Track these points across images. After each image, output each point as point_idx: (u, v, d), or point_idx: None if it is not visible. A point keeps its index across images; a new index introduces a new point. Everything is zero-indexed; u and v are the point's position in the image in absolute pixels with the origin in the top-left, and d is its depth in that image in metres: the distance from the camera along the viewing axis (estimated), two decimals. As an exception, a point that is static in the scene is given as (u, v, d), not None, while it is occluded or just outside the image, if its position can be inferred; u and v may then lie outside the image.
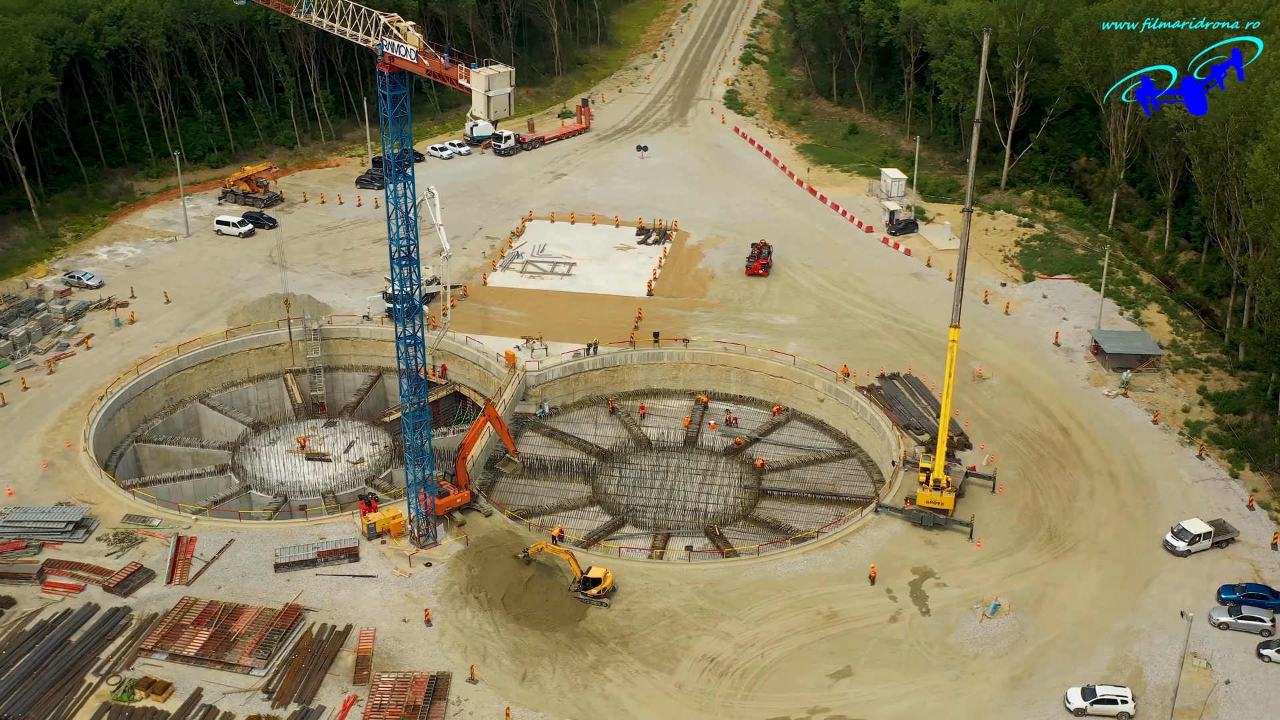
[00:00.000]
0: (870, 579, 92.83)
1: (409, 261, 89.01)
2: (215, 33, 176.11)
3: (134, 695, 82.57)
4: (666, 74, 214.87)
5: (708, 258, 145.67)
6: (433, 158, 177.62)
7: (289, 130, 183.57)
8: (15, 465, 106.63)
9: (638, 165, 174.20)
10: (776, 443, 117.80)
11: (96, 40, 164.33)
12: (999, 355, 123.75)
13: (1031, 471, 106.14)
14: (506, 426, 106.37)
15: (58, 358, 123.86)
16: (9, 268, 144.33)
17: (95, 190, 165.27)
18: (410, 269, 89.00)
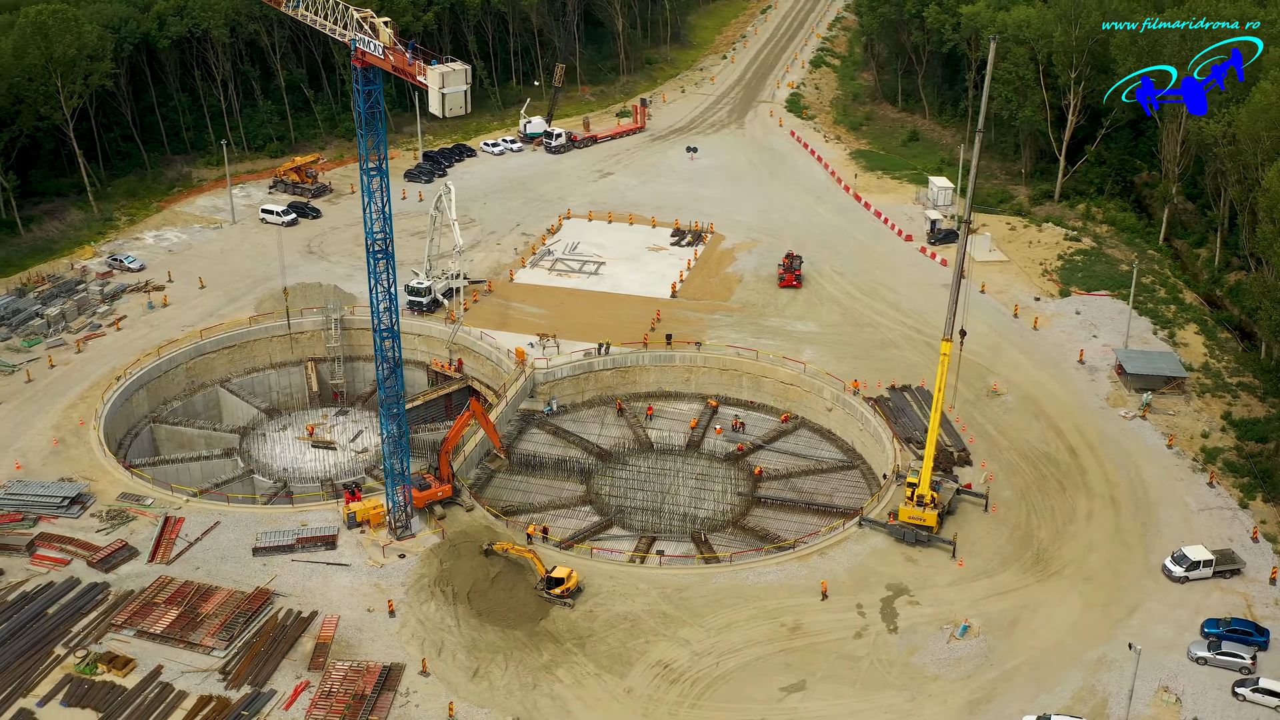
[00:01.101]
0: (822, 594, 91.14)
1: (385, 256, 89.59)
2: (279, 25, 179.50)
3: (96, 669, 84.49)
4: (732, 76, 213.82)
5: (739, 261, 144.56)
6: (484, 153, 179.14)
7: (349, 122, 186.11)
8: (28, 440, 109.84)
9: (685, 166, 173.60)
10: (780, 451, 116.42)
11: (160, 30, 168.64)
12: (1019, 371, 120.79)
13: (1030, 492, 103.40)
14: (493, 423, 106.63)
15: (87, 338, 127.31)
16: (61, 248, 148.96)
17: (155, 176, 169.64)
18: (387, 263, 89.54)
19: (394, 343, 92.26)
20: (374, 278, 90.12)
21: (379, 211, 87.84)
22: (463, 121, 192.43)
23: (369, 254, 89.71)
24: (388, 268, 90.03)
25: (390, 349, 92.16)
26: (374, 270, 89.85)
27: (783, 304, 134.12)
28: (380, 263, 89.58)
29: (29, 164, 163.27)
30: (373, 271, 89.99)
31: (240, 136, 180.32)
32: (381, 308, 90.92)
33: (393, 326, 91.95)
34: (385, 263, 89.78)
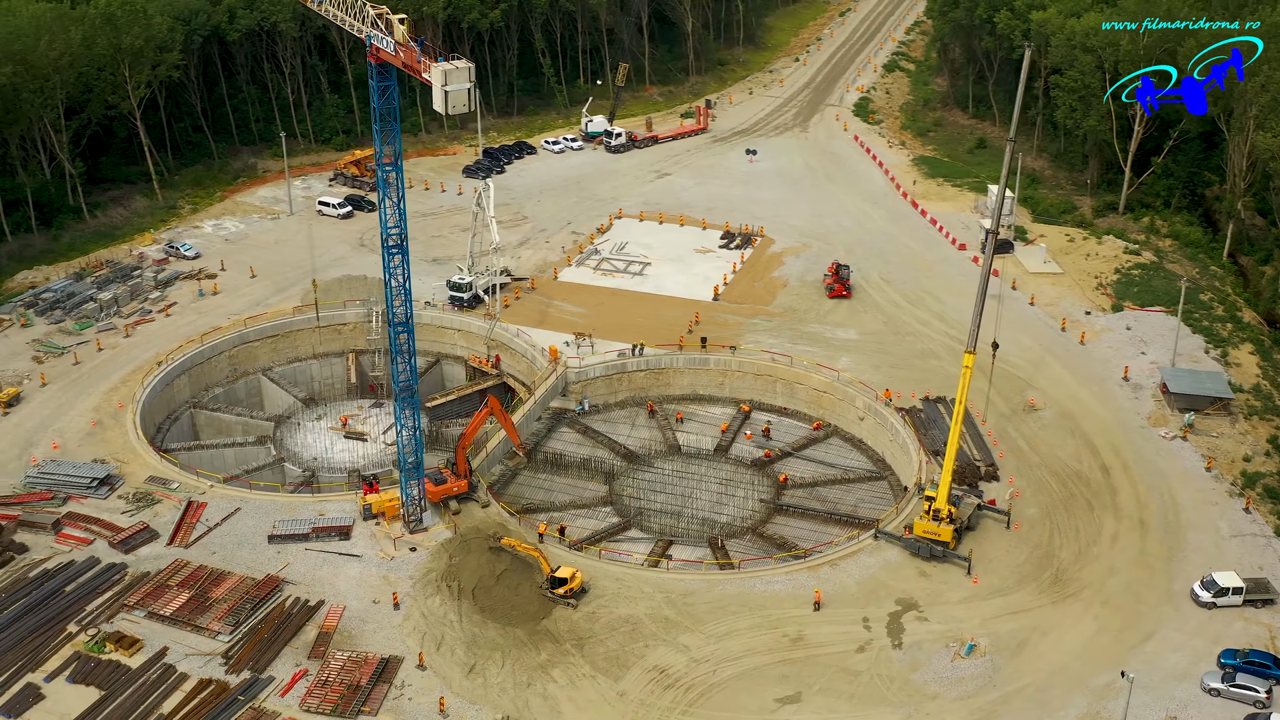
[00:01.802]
0: (815, 604, 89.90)
1: (400, 250, 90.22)
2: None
3: (104, 647, 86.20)
4: (802, 79, 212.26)
5: (786, 266, 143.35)
6: (545, 150, 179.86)
7: (415, 117, 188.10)
8: (68, 421, 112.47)
9: (743, 169, 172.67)
10: (809, 459, 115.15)
11: (230, 23, 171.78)
12: (1060, 386, 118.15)
13: (1055, 510, 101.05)
14: (511, 420, 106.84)
15: (137, 323, 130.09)
16: (123, 235, 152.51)
17: (221, 166, 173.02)
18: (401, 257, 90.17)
19: (409, 336, 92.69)
20: (388, 272, 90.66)
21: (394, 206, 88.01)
22: (527, 119, 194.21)
23: (384, 249, 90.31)
24: (402, 262, 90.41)
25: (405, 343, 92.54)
26: (388, 265, 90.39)
27: (825, 310, 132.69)
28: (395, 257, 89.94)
29: (100, 152, 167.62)
30: (387, 266, 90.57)
31: (307, 129, 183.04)
32: (396, 302, 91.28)
33: (408, 321, 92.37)
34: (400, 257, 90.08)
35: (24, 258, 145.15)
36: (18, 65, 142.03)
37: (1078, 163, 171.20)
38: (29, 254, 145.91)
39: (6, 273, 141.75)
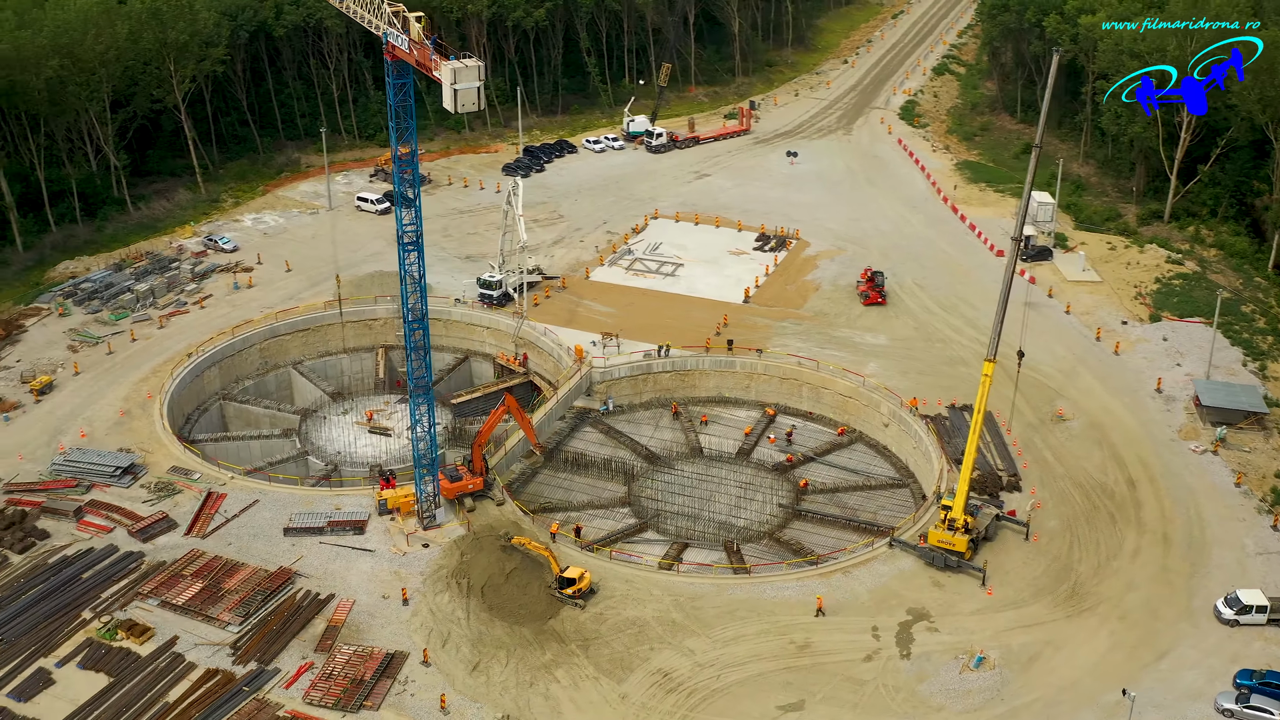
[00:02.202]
0: (817, 610, 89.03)
1: (416, 247, 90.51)
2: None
3: (116, 635, 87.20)
4: (849, 81, 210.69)
5: (819, 269, 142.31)
6: (586, 150, 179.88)
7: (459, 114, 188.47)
8: (97, 410, 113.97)
9: (783, 171, 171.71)
10: (831, 464, 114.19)
11: (277, 19, 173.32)
12: (1090, 397, 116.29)
13: (1077, 523, 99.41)
14: (529, 419, 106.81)
15: (171, 314, 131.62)
16: (165, 227, 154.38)
17: (265, 161, 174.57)
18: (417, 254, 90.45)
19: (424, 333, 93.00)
20: (404, 269, 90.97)
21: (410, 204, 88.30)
22: (571, 117, 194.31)
23: (400, 245, 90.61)
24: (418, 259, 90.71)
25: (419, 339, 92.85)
26: (404, 261, 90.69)
27: (855, 315, 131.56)
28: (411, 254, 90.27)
29: (147, 144, 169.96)
30: (403, 262, 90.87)
31: (352, 125, 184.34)
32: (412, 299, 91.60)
33: (423, 318, 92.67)
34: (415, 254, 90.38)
35: (67, 248, 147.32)
36: (65, 58, 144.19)
37: (1124, 170, 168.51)
38: (72, 244, 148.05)
39: (49, 262, 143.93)
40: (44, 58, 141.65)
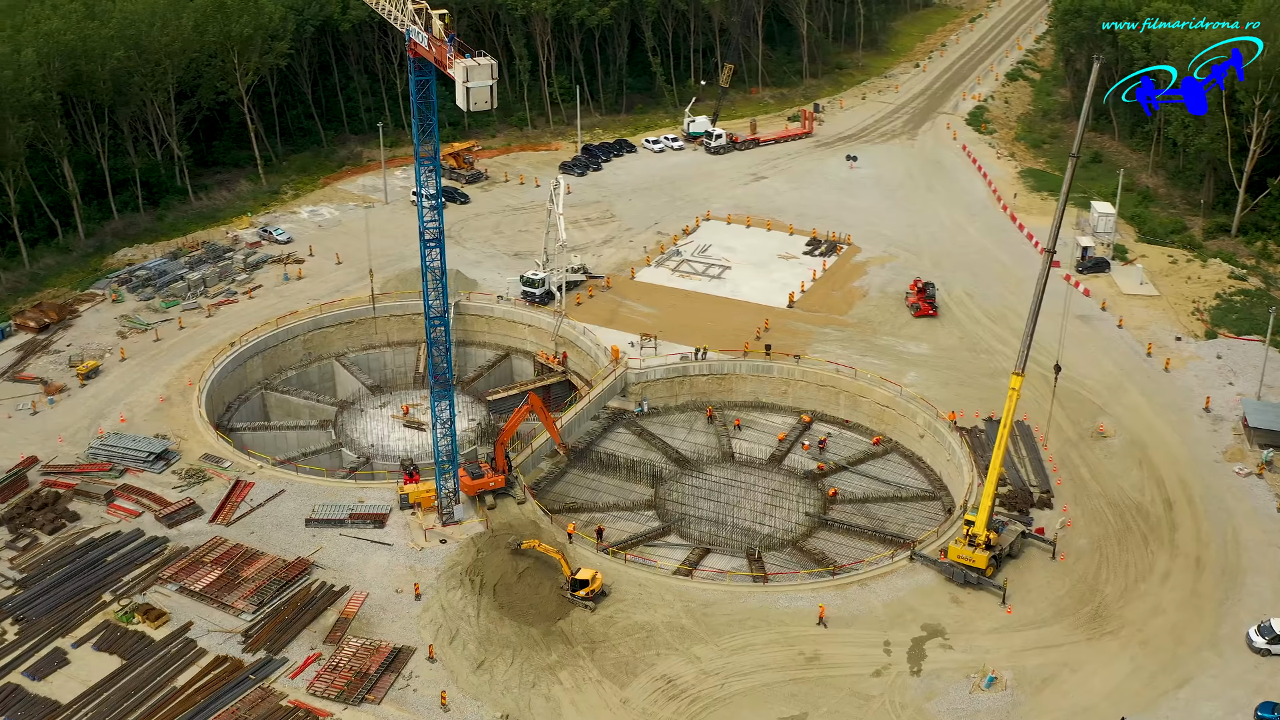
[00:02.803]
0: (819, 619, 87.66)
1: (438, 244, 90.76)
2: (461, 14, 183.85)
3: (133, 618, 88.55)
4: (919, 85, 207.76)
5: (868, 276, 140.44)
6: (645, 149, 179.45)
7: (523, 112, 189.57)
8: (138, 396, 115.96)
9: (842, 175, 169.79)
10: (864, 474, 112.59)
11: (343, 14, 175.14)
12: (1135, 414, 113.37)
13: (1107, 543, 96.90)
14: (553, 418, 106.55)
15: (220, 303, 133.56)
16: (224, 217, 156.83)
17: (328, 154, 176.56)
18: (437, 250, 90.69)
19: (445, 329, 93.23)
20: (426, 266, 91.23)
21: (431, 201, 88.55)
22: (635, 117, 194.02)
23: (421, 242, 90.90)
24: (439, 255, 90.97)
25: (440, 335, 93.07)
26: (426, 258, 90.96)
27: (900, 323, 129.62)
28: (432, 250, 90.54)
29: (214, 135, 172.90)
30: (424, 259, 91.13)
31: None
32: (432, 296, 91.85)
33: (444, 314, 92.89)
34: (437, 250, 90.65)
35: (127, 235, 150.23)
36: (130, 49, 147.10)
37: (1194, 181, 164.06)
38: (132, 232, 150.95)
39: (109, 249, 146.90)
40: (110, 49, 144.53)
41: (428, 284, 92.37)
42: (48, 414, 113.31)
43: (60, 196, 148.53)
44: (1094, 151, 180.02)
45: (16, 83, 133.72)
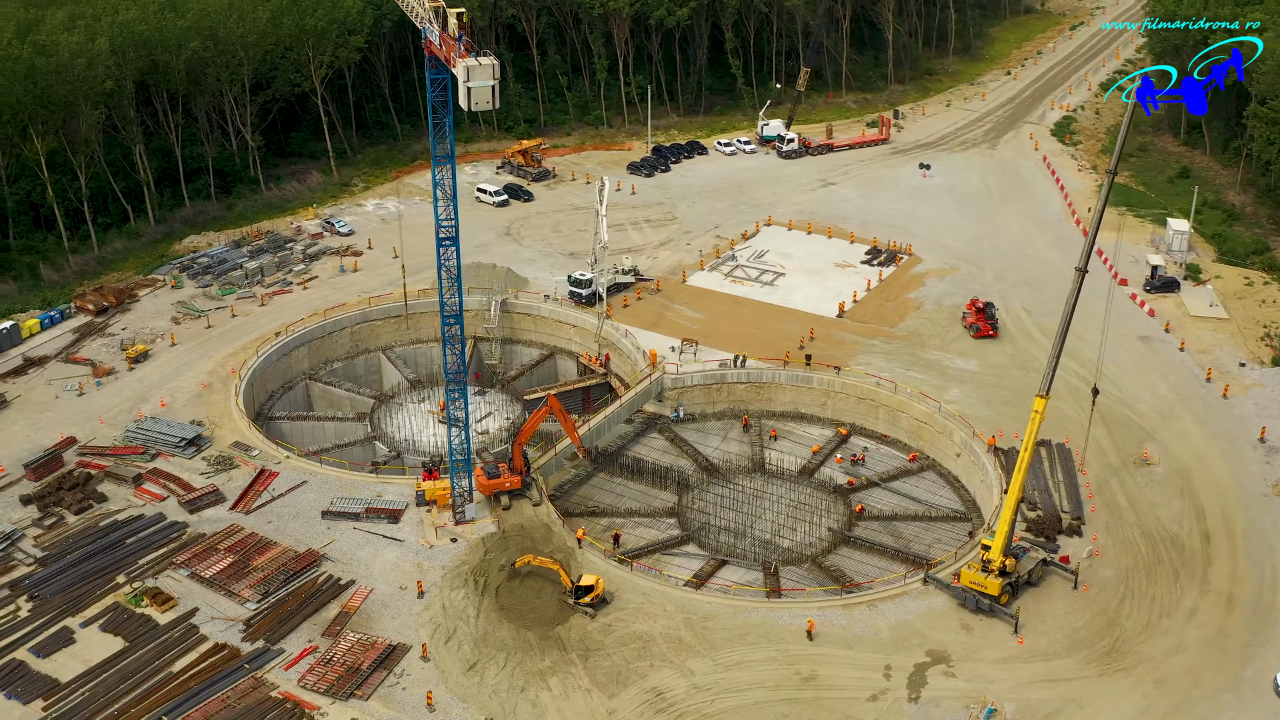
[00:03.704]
0: (807, 633, 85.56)
1: (453, 242, 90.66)
2: (541, 12, 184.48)
3: (141, 601, 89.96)
4: (1007, 93, 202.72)
5: (926, 288, 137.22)
6: (716, 152, 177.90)
7: (599, 111, 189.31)
8: (181, 381, 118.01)
9: (913, 183, 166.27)
10: (895, 491, 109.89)
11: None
12: (1185, 442, 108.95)
13: (1135, 575, 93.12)
14: (572, 421, 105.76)
15: (275, 293, 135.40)
16: (293, 207, 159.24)
17: (402, 148, 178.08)
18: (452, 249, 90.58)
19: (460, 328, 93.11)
20: (442, 265, 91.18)
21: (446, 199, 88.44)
22: (713, 118, 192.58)
23: (438, 241, 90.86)
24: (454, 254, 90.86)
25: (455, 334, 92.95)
26: (442, 257, 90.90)
27: (951, 337, 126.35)
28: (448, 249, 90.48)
29: (292, 127, 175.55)
30: (440, 258, 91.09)
31: (491, 117, 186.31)
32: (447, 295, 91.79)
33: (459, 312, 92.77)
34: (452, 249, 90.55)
35: (196, 223, 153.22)
36: (207, 40, 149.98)
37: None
38: (201, 220, 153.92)
39: (177, 236, 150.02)
40: (186, 39, 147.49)
41: (442, 282, 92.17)
42: (93, 396, 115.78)
43: (135, 183, 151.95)
44: (1182, 166, 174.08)
45: (89, 71, 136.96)
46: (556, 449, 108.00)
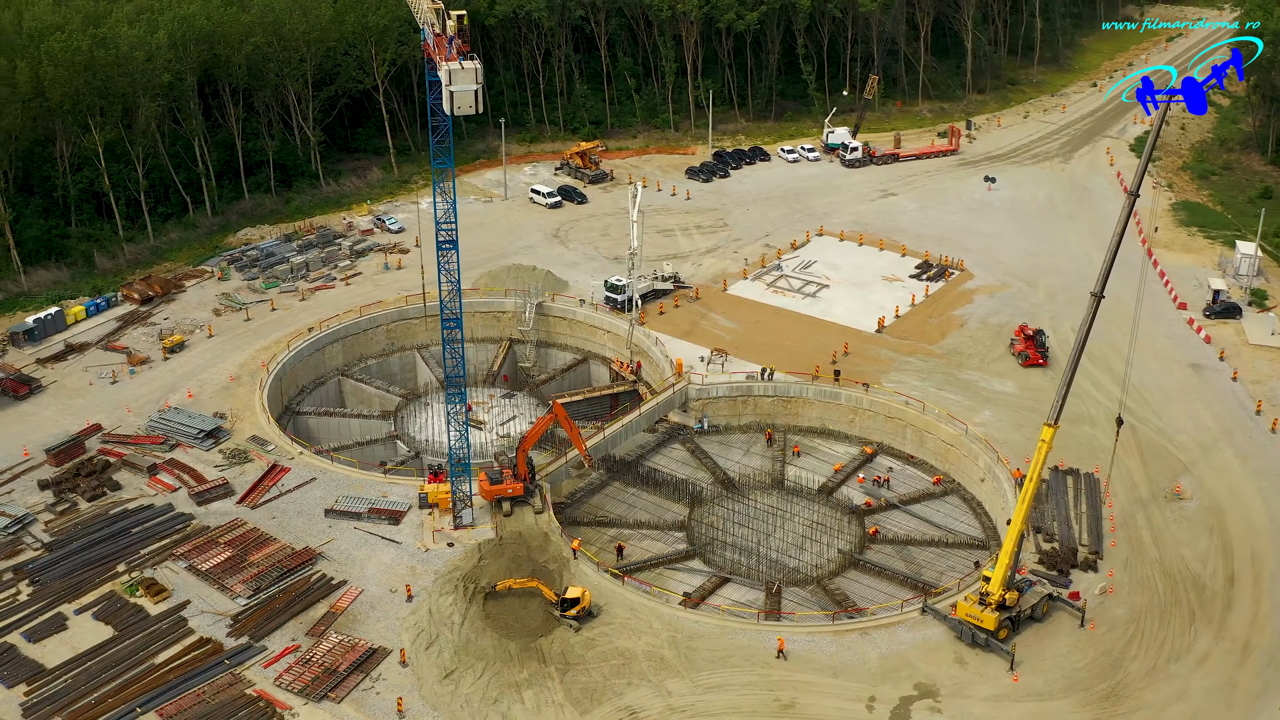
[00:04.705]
0: (778, 652, 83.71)
1: (453, 246, 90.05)
2: (612, 15, 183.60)
3: (136, 591, 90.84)
4: (1089, 106, 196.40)
5: (973, 305, 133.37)
6: (780, 159, 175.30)
7: (666, 115, 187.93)
8: (211, 374, 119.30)
9: (976, 196, 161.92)
10: (915, 514, 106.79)
11: (490, 9, 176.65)
12: (1223, 476, 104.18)
13: (1148, 616, 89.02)
14: (577, 429, 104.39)
15: (317, 288, 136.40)
16: (349, 203, 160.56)
17: (467, 146, 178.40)
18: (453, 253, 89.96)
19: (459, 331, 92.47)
20: (442, 268, 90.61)
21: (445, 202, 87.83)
22: (783, 124, 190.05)
23: (437, 245, 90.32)
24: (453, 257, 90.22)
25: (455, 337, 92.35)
26: (441, 261, 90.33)
27: (991, 357, 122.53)
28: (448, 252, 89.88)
29: (358, 122, 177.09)
30: (440, 262, 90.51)
31: (558, 118, 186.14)
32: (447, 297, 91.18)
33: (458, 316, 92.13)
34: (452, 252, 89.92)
35: (254, 216, 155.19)
36: (270, 36, 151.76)
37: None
38: (259, 213, 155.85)
39: (233, 228, 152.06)
40: (248, 34, 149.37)
41: (442, 286, 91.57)
42: (126, 384, 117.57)
43: (195, 175, 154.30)
44: (1265, 186, 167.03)
45: (148, 64, 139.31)
46: (567, 457, 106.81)
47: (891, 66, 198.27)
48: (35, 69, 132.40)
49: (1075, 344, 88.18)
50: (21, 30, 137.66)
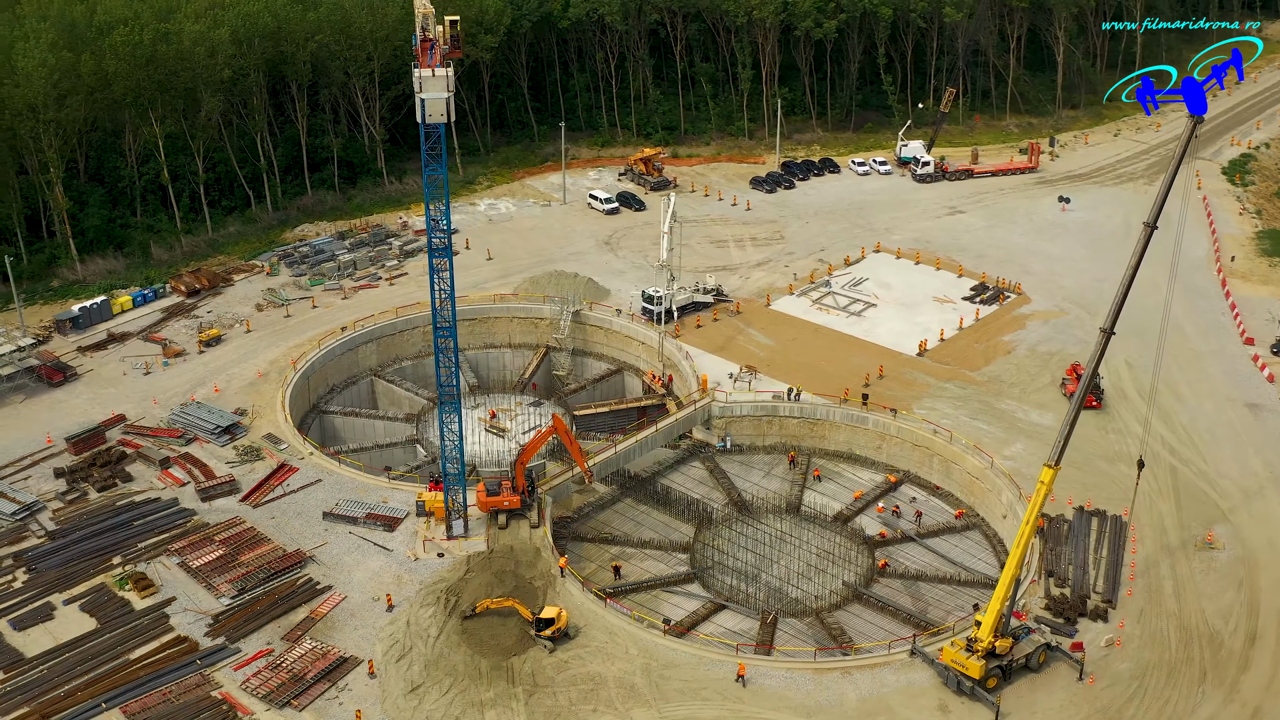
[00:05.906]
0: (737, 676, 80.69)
1: (446, 253, 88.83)
2: (689, 20, 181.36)
3: (125, 585, 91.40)
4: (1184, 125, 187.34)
5: (1025, 330, 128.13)
6: (849, 171, 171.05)
7: (742, 122, 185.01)
8: (240, 369, 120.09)
9: (1049, 217, 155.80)
10: (931, 549, 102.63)
11: (565, 11, 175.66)
12: (1263, 526, 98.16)
13: (1155, 673, 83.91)
14: (578, 443, 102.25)
15: (361, 287, 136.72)
16: (409, 202, 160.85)
17: (537, 149, 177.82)
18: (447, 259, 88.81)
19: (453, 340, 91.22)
20: (434, 275, 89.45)
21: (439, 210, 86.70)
22: (861, 135, 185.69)
23: (429, 252, 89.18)
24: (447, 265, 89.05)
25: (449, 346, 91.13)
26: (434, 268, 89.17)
27: (1033, 387, 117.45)
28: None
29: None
30: (432, 269, 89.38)
31: (630, 122, 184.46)
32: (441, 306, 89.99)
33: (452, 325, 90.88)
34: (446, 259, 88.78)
35: (314, 212, 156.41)
36: (337, 34, 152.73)
37: None
38: (320, 209, 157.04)
39: (292, 223, 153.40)
40: (313, 32, 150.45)
41: (435, 294, 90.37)
42: (158, 375, 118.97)
43: (258, 170, 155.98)
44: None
45: (210, 60, 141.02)
46: (573, 471, 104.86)
47: (980, 79, 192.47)
48: (99, 61, 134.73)
49: (1082, 383, 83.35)
50: (92, 23, 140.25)
